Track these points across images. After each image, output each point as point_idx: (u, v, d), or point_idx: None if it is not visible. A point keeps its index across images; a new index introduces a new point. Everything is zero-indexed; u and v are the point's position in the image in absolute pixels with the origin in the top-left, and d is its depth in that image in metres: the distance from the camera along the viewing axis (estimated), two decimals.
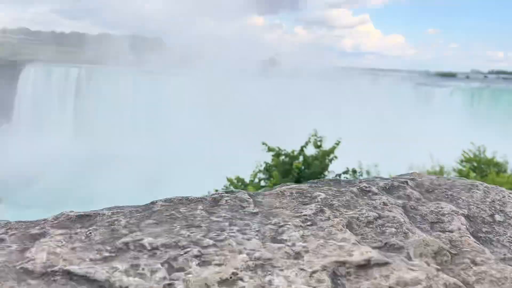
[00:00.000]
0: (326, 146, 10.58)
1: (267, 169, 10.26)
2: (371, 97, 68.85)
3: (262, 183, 10.29)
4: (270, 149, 10.36)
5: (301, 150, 10.36)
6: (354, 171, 9.76)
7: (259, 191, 1.24)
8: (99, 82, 48.57)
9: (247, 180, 10.38)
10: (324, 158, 10.08)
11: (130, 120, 46.31)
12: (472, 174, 9.71)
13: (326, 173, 10.11)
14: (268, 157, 10.71)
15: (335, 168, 10.57)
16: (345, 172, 9.91)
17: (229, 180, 10.19)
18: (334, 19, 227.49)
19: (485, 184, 1.39)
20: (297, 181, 9.64)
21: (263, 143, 10.50)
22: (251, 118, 51.71)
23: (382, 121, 53.87)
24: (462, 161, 11.03)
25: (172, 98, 48.48)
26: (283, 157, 10.26)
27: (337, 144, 10.29)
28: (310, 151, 10.67)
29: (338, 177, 9.75)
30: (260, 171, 10.44)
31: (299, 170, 9.66)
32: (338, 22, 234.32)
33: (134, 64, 51.16)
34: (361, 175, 9.57)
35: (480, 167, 10.58)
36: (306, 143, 10.42)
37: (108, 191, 26.19)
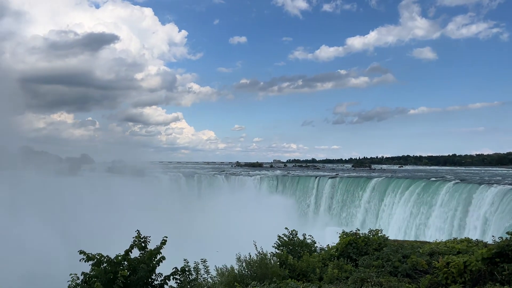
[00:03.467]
0: (151, 246, 10.07)
1: (87, 282, 9.04)
2: (186, 191, 70.66)
3: None
4: (89, 258, 9.25)
5: (126, 254, 9.57)
6: (183, 271, 9.40)
7: None
8: None
9: None
10: (151, 260, 9.50)
11: None
12: (290, 257, 10.57)
13: (153, 276, 9.48)
14: (86, 267, 9.54)
15: (161, 269, 10.05)
16: (174, 273, 9.46)
17: None
18: (148, 117, 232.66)
19: None
20: None
21: (81, 252, 9.36)
22: (65, 220, 46.26)
23: (200, 213, 55.25)
24: (279, 245, 11.96)
25: None
26: (105, 265, 9.26)
27: (164, 243, 9.89)
28: (134, 253, 9.97)
29: (167, 280, 9.27)
30: (78, 284, 9.12)
31: (124, 278, 8.81)
32: (152, 119, 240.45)
33: None
34: (191, 275, 9.28)
35: (295, 249, 11.64)
36: (132, 246, 9.70)
37: None
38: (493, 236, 10.38)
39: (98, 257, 9.29)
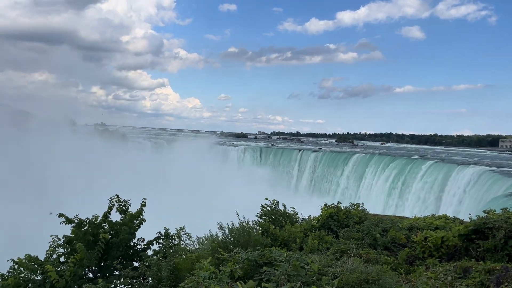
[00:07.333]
0: (131, 210, 10.00)
1: (68, 243, 8.98)
2: (169, 158, 70.38)
3: (62, 259, 8.93)
4: (69, 221, 9.15)
5: (105, 217, 9.50)
6: (167, 235, 9.40)
7: None
8: None
9: (42, 258, 8.89)
10: (132, 222, 9.47)
11: None
12: (272, 226, 10.67)
13: (136, 240, 9.47)
14: (66, 229, 9.46)
15: (143, 233, 10.01)
16: (158, 238, 9.46)
17: (18, 262, 8.49)
18: (133, 81, 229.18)
19: None
20: (105, 252, 8.77)
21: (60, 215, 9.23)
22: (42, 181, 45.77)
23: (183, 182, 55.30)
24: (261, 215, 12.04)
25: None
26: (86, 227, 9.18)
27: (143, 205, 9.83)
28: (114, 217, 9.91)
29: (151, 245, 9.28)
30: (59, 245, 9.06)
31: (105, 240, 8.77)
32: (137, 84, 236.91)
33: None
34: (174, 240, 9.28)
35: (277, 219, 11.75)
36: (110, 208, 9.63)
37: None
38: (470, 214, 10.60)
39: (78, 220, 9.18)
